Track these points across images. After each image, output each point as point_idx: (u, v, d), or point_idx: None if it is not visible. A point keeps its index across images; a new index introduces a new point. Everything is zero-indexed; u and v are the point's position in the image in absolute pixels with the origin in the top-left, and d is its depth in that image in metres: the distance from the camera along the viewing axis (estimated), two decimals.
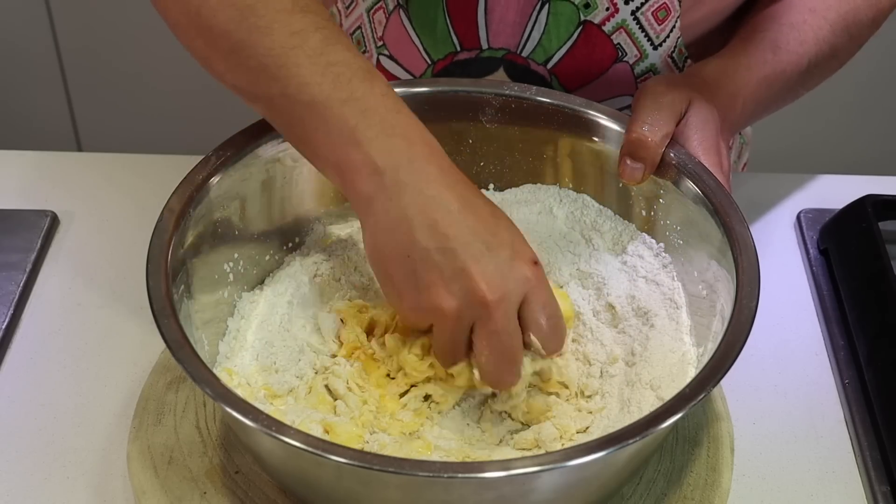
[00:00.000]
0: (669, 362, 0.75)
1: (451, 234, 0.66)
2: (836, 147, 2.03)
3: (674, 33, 0.91)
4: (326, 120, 0.67)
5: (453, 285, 0.66)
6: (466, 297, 0.66)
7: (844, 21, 0.89)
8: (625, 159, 0.79)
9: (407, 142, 0.68)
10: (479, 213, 0.68)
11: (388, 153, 0.67)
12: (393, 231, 0.67)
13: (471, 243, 0.66)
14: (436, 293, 0.66)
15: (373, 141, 0.67)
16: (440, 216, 0.66)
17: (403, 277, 0.67)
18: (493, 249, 0.67)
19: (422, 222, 0.66)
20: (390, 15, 0.95)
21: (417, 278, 0.66)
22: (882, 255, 0.89)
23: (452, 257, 0.66)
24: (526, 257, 0.68)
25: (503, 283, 0.66)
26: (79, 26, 1.90)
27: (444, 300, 0.66)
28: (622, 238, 0.83)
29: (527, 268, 0.67)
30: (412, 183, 0.66)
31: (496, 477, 0.59)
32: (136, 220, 0.97)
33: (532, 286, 0.67)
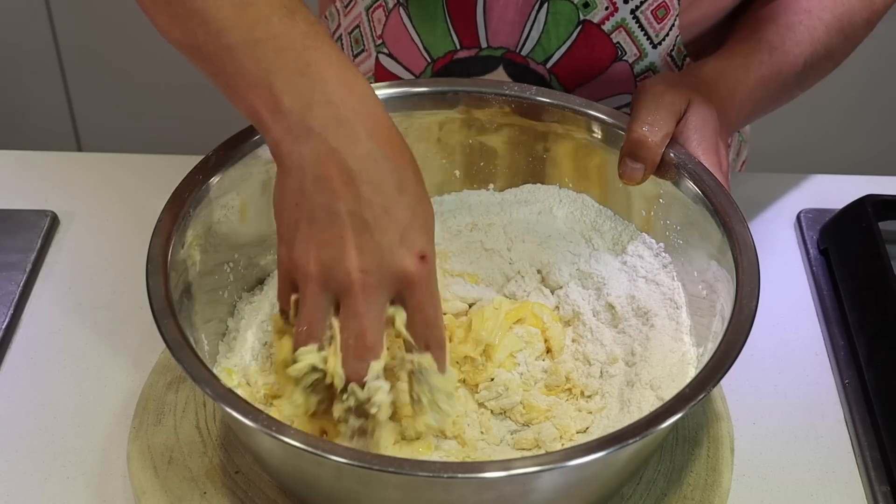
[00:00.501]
0: (669, 362, 0.75)
1: (340, 195, 0.62)
2: (836, 147, 2.03)
3: (673, 32, 0.91)
4: (242, 63, 0.65)
5: (325, 250, 0.62)
6: (333, 268, 0.62)
7: (839, 22, 0.89)
8: (625, 159, 0.79)
9: (321, 81, 0.64)
10: (382, 182, 0.63)
11: (299, 94, 0.64)
12: (290, 177, 0.64)
13: (357, 213, 0.62)
14: (306, 251, 0.63)
15: (286, 82, 0.64)
16: (336, 174, 0.62)
17: (287, 226, 0.64)
18: (380, 228, 0.62)
19: (315, 174, 0.63)
20: (390, 13, 0.95)
21: (299, 231, 0.63)
22: (882, 255, 0.89)
23: (333, 221, 0.62)
24: (414, 248, 0.63)
25: (375, 268, 0.62)
26: (79, 26, 1.90)
27: (311, 262, 0.63)
28: (622, 238, 0.83)
29: (409, 259, 0.63)
30: (318, 129, 0.63)
31: (496, 477, 0.59)
32: (136, 220, 0.97)
33: (410, 281, 0.63)
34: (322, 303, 0.64)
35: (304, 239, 0.63)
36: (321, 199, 0.63)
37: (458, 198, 0.88)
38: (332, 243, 0.62)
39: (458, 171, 0.87)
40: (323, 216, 0.63)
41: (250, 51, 0.65)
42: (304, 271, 0.63)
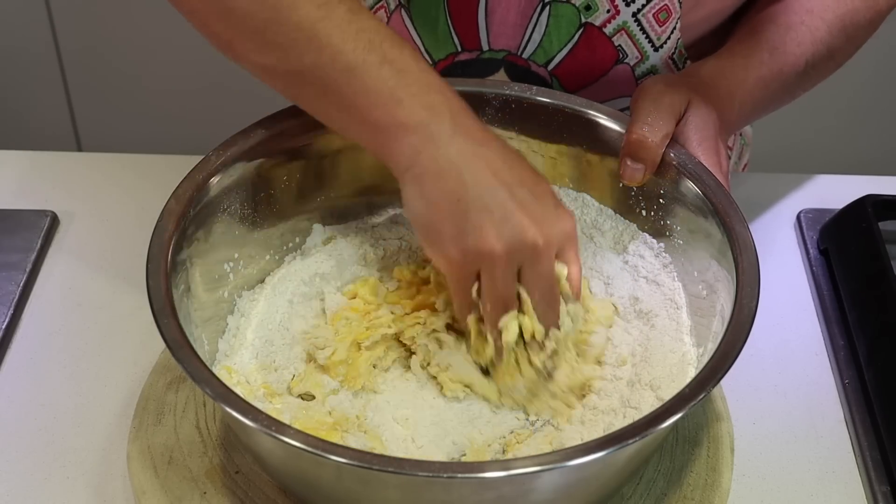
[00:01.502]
0: (669, 362, 0.75)
1: (499, 178, 0.69)
2: (836, 147, 2.03)
3: (674, 35, 0.91)
4: (365, 83, 0.69)
5: (504, 227, 0.68)
6: (516, 238, 0.68)
7: (842, 22, 0.89)
8: (625, 160, 0.79)
9: (446, 98, 0.70)
10: (522, 166, 0.71)
11: (431, 107, 0.69)
12: (442, 178, 0.68)
13: (518, 189, 0.69)
14: (486, 234, 0.68)
15: (414, 97, 0.69)
16: (487, 165, 0.69)
17: (452, 223, 0.69)
18: (539, 197, 0.70)
19: (471, 168, 0.68)
20: (391, 15, 0.95)
21: (467, 221, 0.68)
22: (882, 255, 0.89)
23: (502, 200, 0.68)
24: (566, 209, 0.72)
25: (551, 229, 0.70)
26: (79, 26, 1.90)
27: (494, 242, 0.68)
28: (623, 238, 0.83)
29: (569, 219, 0.72)
30: (457, 133, 0.69)
31: (496, 477, 0.59)
32: (136, 220, 0.97)
33: (572, 236, 0.72)
34: (512, 276, 0.70)
35: (478, 225, 0.68)
36: (482, 188, 0.68)
37: None
38: (508, 220, 0.68)
39: None
40: (489, 201, 0.68)
41: (373, 72, 0.69)
42: (490, 255, 0.69)
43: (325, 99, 0.72)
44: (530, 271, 0.70)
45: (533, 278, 0.70)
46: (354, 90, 0.69)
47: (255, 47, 0.72)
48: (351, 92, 0.69)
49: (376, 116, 0.69)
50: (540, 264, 0.69)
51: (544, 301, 0.72)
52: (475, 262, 0.69)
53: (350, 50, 0.69)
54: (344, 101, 0.70)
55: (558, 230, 0.70)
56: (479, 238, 0.68)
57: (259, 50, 0.72)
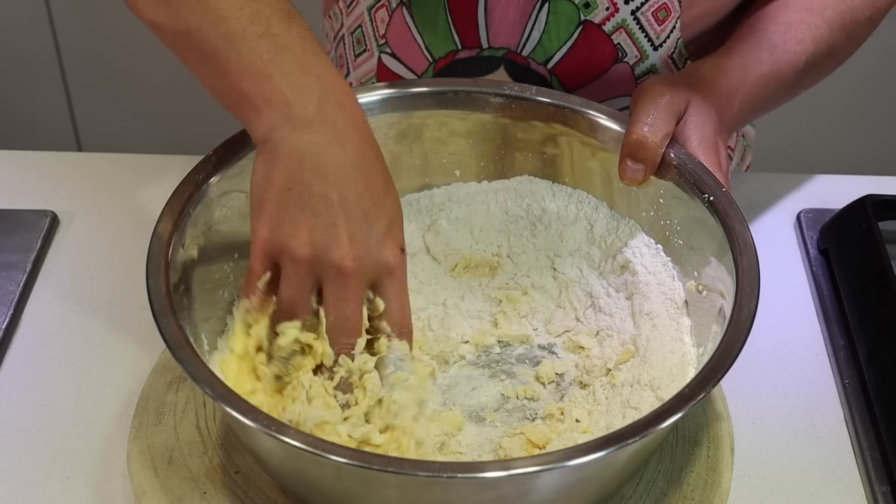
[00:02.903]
0: (669, 363, 0.75)
1: (336, 184, 0.67)
2: (836, 147, 2.03)
3: (674, 34, 0.91)
4: (240, 52, 0.68)
5: (318, 235, 0.66)
6: (325, 253, 0.66)
7: (842, 20, 0.89)
8: (625, 160, 0.79)
9: (320, 82, 0.68)
10: (372, 179, 0.68)
11: (300, 89, 0.68)
12: (284, 162, 0.67)
13: (351, 204, 0.67)
14: (297, 234, 0.67)
15: (286, 75, 0.68)
16: (333, 166, 0.67)
17: (276, 208, 0.67)
18: (370, 220, 0.67)
19: (314, 163, 0.67)
20: (393, 13, 0.95)
21: (289, 214, 0.67)
22: (882, 255, 0.89)
23: (329, 208, 0.66)
24: (396, 241, 0.69)
25: (366, 256, 0.67)
26: (79, 26, 1.90)
27: (302, 245, 0.67)
28: (623, 237, 0.83)
29: (393, 251, 0.69)
30: (318, 122, 0.67)
31: (495, 477, 0.59)
32: (136, 220, 0.97)
33: (391, 271, 0.69)
34: (308, 284, 0.68)
35: (295, 223, 0.67)
36: (317, 186, 0.66)
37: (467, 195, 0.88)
38: (326, 230, 0.66)
39: (458, 171, 0.87)
40: (317, 204, 0.66)
41: (251, 42, 0.68)
42: (293, 253, 0.67)
43: (204, 64, 0.71)
44: (329, 290, 0.67)
45: (332, 298, 0.68)
46: (229, 57, 0.69)
47: (149, 3, 0.72)
48: (225, 58, 0.69)
49: (244, 87, 0.69)
50: (342, 287, 0.67)
51: (338, 325, 0.68)
52: (279, 254, 0.68)
53: (234, 17, 0.69)
54: (219, 67, 0.70)
55: (374, 260, 0.67)
56: (291, 235, 0.67)
57: (154, 6, 0.72)
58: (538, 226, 0.85)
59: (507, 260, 0.86)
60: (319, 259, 0.67)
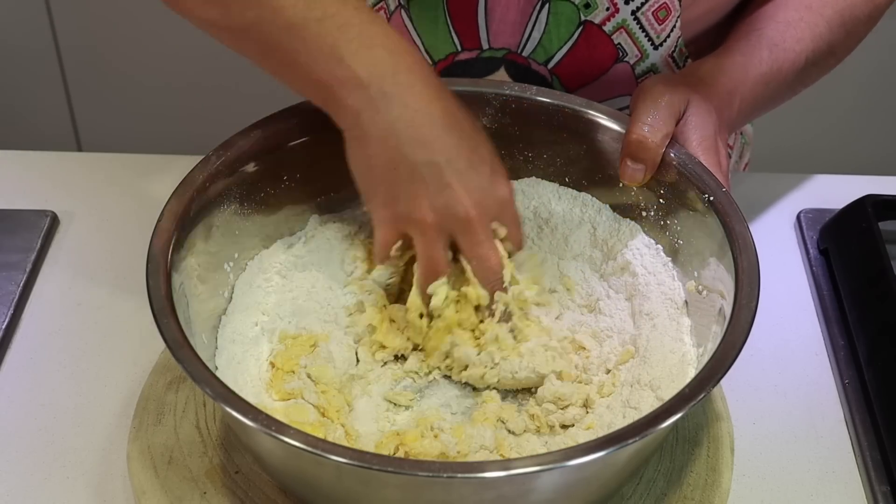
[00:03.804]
0: (669, 363, 0.75)
1: (436, 148, 0.69)
2: (836, 147, 2.03)
3: (674, 33, 0.91)
4: (305, 40, 0.69)
5: (437, 199, 0.69)
6: (449, 210, 0.70)
7: (841, 17, 0.89)
8: (626, 161, 0.79)
9: (388, 52, 0.69)
10: (462, 128, 0.71)
11: (371, 65, 0.69)
12: (381, 143, 0.69)
13: (455, 159, 0.69)
14: (419, 204, 0.69)
15: (354, 55, 0.68)
16: (426, 130, 0.69)
17: (388, 188, 0.70)
18: (475, 166, 0.70)
19: (409, 136, 0.69)
20: (391, 15, 0.95)
21: (402, 189, 0.69)
22: (882, 255, 0.89)
23: (438, 172, 0.69)
24: (503, 174, 0.73)
25: (484, 200, 0.71)
26: (79, 26, 1.90)
27: (426, 212, 0.69)
28: (623, 237, 0.83)
29: (505, 185, 0.72)
30: (398, 95, 0.68)
31: (495, 477, 0.59)
32: (136, 220, 0.97)
33: (508, 203, 0.73)
34: (441, 243, 0.72)
35: (412, 195, 0.70)
36: (421, 156, 0.69)
37: None
38: (442, 192, 0.69)
39: None
40: (426, 171, 0.69)
41: (313, 28, 0.69)
42: (419, 223, 0.70)
43: (269, 56, 0.72)
44: (464, 241, 0.71)
45: (468, 247, 0.72)
46: (295, 47, 0.69)
47: (199, 1, 0.72)
48: (292, 49, 0.69)
49: (318, 74, 0.69)
50: (473, 234, 0.71)
51: (483, 268, 0.73)
52: (406, 226, 0.71)
53: (290, 5, 0.69)
54: (286, 58, 0.70)
55: (492, 200, 0.71)
56: (412, 207, 0.70)
57: (203, 4, 0.72)
58: (545, 228, 0.85)
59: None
60: (446, 219, 0.70)
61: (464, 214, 0.70)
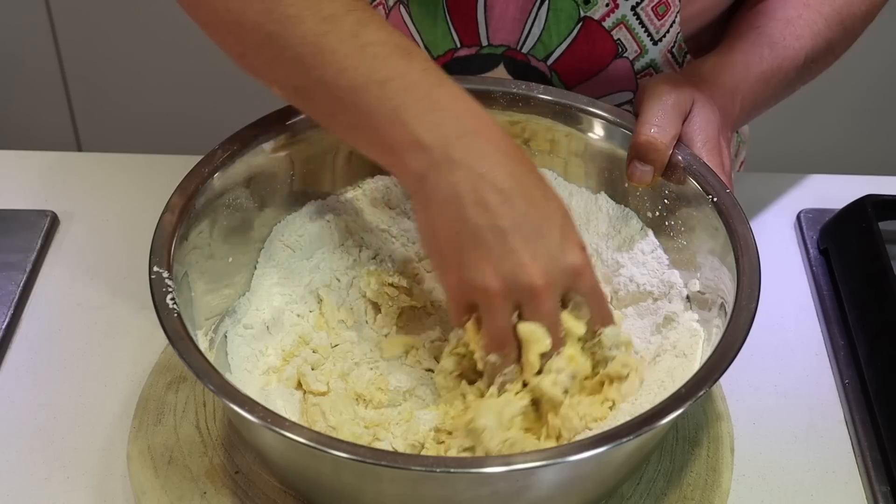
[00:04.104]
0: (669, 363, 0.75)
1: (501, 213, 0.66)
2: (836, 147, 2.04)
3: (674, 28, 0.91)
4: (368, 103, 0.67)
5: (502, 266, 0.66)
6: (514, 279, 0.66)
7: (839, 15, 0.89)
8: (634, 162, 0.79)
9: (454, 116, 0.67)
10: (531, 193, 0.67)
11: (436, 129, 0.66)
12: (444, 207, 0.66)
13: (522, 225, 0.66)
14: (483, 272, 0.66)
15: (418, 118, 0.66)
16: (491, 195, 0.66)
17: (452, 254, 0.67)
18: (544, 233, 0.66)
19: (472, 200, 0.66)
20: (390, 11, 0.95)
21: (466, 256, 0.66)
22: (882, 255, 0.89)
23: (502, 238, 0.65)
24: (575, 242, 0.68)
25: (553, 269, 0.66)
26: (79, 27, 1.90)
27: (490, 280, 0.66)
28: (626, 236, 0.83)
29: (576, 253, 0.68)
30: (462, 159, 0.66)
31: (490, 472, 0.59)
32: (136, 220, 0.97)
33: (581, 272, 0.68)
34: (507, 313, 0.67)
35: (476, 261, 0.66)
36: (484, 220, 0.65)
37: None
38: (508, 258, 0.65)
39: None
40: (490, 236, 0.65)
41: (375, 91, 0.67)
42: (486, 289, 0.66)
43: (333, 116, 0.71)
44: (528, 311, 0.67)
45: (533, 318, 0.67)
46: (359, 110, 0.68)
47: (263, 62, 0.71)
48: (356, 111, 0.68)
49: (381, 137, 0.68)
50: (539, 303, 0.67)
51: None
52: (472, 294, 0.68)
53: (353, 67, 0.67)
54: (351, 120, 0.69)
55: (562, 268, 0.67)
56: (476, 274, 0.66)
57: (267, 65, 0.71)
58: None
59: None
60: (511, 287, 0.66)
61: (528, 283, 0.66)
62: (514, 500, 0.63)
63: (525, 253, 0.65)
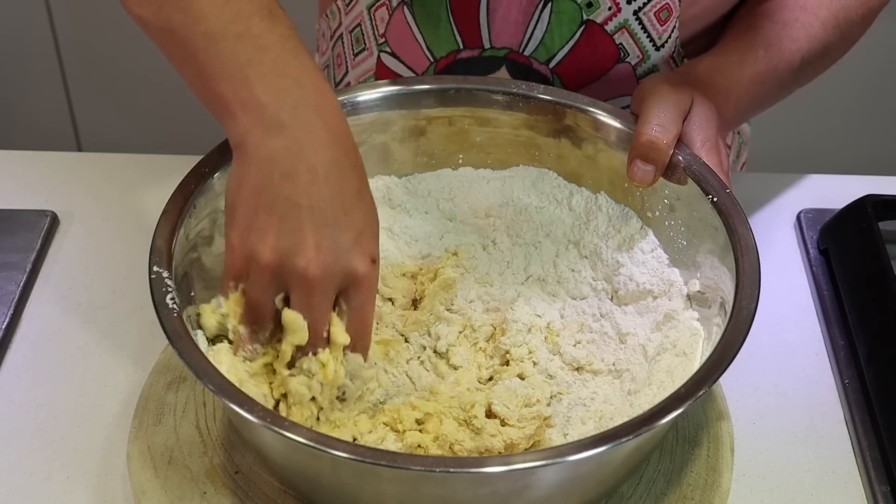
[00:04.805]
0: (669, 362, 0.75)
1: (305, 191, 0.64)
2: (836, 147, 2.04)
3: (675, 33, 0.91)
4: (219, 53, 0.67)
5: (283, 241, 0.64)
6: (290, 259, 0.64)
7: (836, 19, 0.89)
8: (636, 162, 0.79)
9: (297, 85, 0.67)
10: (344, 185, 0.66)
11: (275, 92, 0.66)
12: (255, 167, 0.65)
13: (320, 210, 0.64)
14: (262, 239, 0.65)
15: (262, 78, 0.66)
16: (303, 171, 0.65)
17: (245, 213, 0.66)
18: (339, 228, 0.65)
19: (284, 168, 0.65)
20: (393, 12, 0.95)
21: (255, 219, 0.65)
22: (882, 255, 0.89)
23: (296, 214, 0.64)
24: (367, 250, 0.66)
25: (332, 265, 0.65)
26: (79, 26, 1.90)
27: (266, 251, 0.65)
28: (627, 236, 0.83)
29: (362, 261, 0.66)
30: (290, 127, 0.65)
31: (489, 472, 0.59)
32: (136, 220, 0.97)
33: (358, 281, 0.66)
34: (272, 290, 0.66)
35: (262, 227, 0.65)
36: (286, 191, 0.64)
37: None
38: (291, 234, 0.64)
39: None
40: (285, 208, 0.64)
41: (229, 43, 0.67)
42: (259, 258, 0.65)
43: (185, 63, 0.70)
44: (296, 297, 0.65)
45: (297, 306, 0.66)
46: (209, 58, 0.67)
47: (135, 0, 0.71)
48: (204, 59, 0.68)
49: (222, 89, 0.67)
50: (307, 295, 0.65)
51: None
52: (245, 261, 0.66)
53: (214, 17, 0.67)
54: (198, 67, 0.69)
55: (341, 268, 0.65)
56: (258, 240, 0.65)
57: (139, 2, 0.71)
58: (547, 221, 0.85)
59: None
60: (284, 265, 0.65)
61: (302, 268, 0.64)
62: (513, 499, 0.63)
63: (311, 237, 0.64)
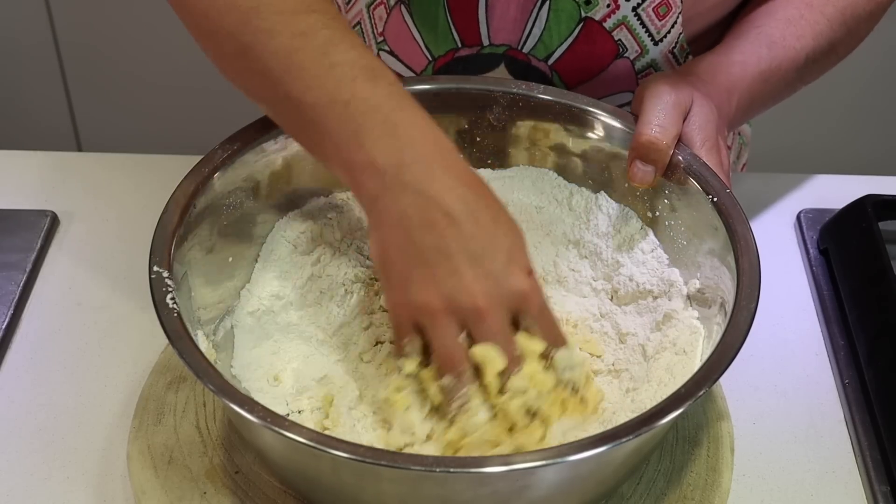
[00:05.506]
0: (669, 362, 0.75)
1: (447, 235, 0.67)
2: (836, 147, 2.04)
3: (675, 29, 0.91)
4: (331, 123, 0.69)
5: (444, 286, 0.66)
6: (457, 299, 0.66)
7: (842, 16, 0.89)
8: (635, 162, 0.79)
9: (410, 141, 0.68)
10: (480, 217, 0.68)
11: (391, 153, 0.68)
12: (393, 228, 0.67)
13: (467, 247, 0.67)
14: (426, 291, 0.67)
15: (376, 142, 0.68)
16: (439, 217, 0.67)
17: (399, 274, 0.68)
18: (489, 255, 0.67)
19: (420, 222, 0.67)
20: (391, 10, 0.95)
21: (411, 276, 0.67)
22: (882, 255, 0.89)
23: (447, 259, 0.66)
24: (521, 265, 0.68)
25: (495, 290, 0.67)
26: (79, 26, 1.90)
27: (433, 299, 0.67)
28: (627, 236, 0.83)
29: (520, 277, 0.68)
30: (413, 183, 0.67)
31: (489, 472, 0.59)
32: (136, 220, 0.97)
33: (526, 296, 0.68)
34: (454, 332, 0.67)
35: (421, 280, 0.67)
36: (431, 241, 0.67)
37: None
38: (450, 278, 0.66)
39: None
40: (435, 256, 0.67)
41: (338, 111, 0.68)
42: (430, 308, 0.67)
43: (297, 132, 0.73)
44: (477, 332, 0.67)
45: (483, 339, 0.67)
46: (323, 128, 0.69)
47: (236, 71, 0.73)
48: (320, 129, 0.69)
49: (342, 156, 0.69)
50: (485, 323, 0.67)
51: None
52: (416, 314, 0.68)
53: (319, 86, 0.69)
54: (314, 137, 0.71)
55: (505, 290, 0.67)
56: (420, 293, 0.67)
57: (240, 74, 0.73)
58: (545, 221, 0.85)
59: None
60: (454, 307, 0.67)
61: (470, 303, 0.66)
62: (513, 499, 0.63)
63: (468, 274, 0.66)
